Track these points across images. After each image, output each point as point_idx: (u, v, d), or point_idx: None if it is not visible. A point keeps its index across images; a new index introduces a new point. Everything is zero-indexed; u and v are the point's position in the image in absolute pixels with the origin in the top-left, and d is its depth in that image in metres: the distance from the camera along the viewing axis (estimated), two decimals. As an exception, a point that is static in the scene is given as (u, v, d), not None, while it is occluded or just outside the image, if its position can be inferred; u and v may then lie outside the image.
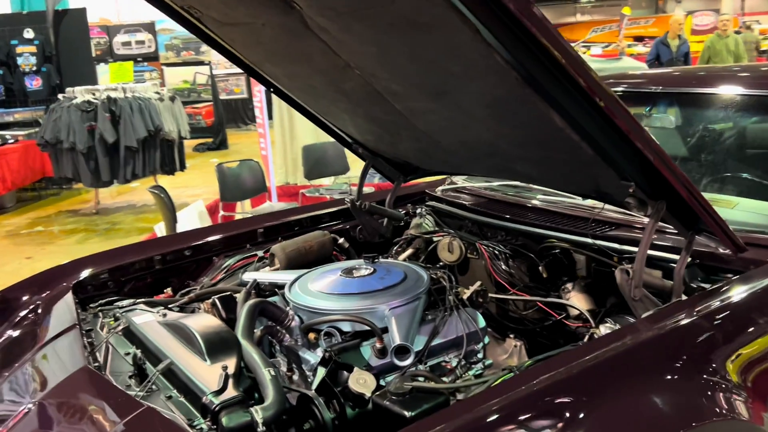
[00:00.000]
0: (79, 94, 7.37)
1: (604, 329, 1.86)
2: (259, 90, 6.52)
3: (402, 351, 1.71)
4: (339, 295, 1.95)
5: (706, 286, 1.84)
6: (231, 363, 1.62)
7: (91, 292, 2.26)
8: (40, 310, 2.11)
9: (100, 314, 2.07)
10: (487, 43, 1.39)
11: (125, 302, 2.13)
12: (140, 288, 2.37)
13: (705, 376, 1.50)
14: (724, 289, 1.71)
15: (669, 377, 1.49)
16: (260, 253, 2.50)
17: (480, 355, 1.89)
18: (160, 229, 4.60)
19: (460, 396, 1.54)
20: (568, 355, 1.52)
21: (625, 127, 1.45)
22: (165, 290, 2.36)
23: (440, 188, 2.89)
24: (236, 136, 14.28)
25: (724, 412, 1.46)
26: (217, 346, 1.69)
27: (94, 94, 7.41)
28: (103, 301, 2.19)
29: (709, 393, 1.48)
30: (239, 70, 13.77)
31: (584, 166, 1.71)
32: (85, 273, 2.29)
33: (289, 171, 8.10)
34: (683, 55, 9.01)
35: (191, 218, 4.89)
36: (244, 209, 5.81)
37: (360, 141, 2.56)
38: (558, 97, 1.47)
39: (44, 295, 2.18)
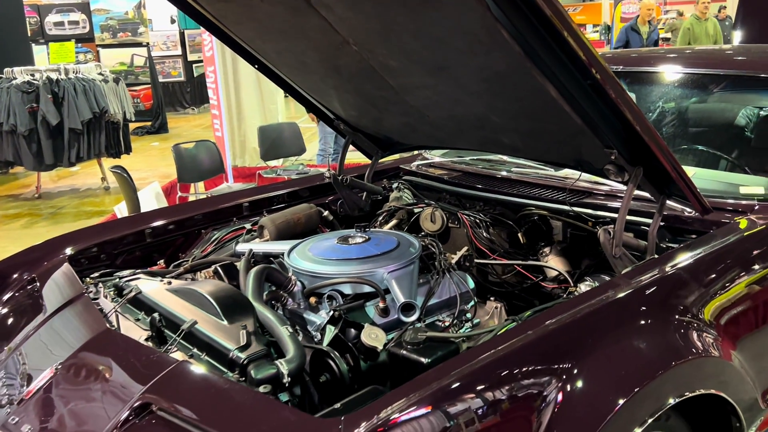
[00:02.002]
0: (19, 74, 7.13)
1: (584, 287, 2.03)
2: (213, 71, 6.46)
3: (408, 308, 1.83)
4: (338, 260, 2.06)
5: (674, 245, 2.03)
6: (248, 323, 1.72)
7: (85, 265, 2.29)
8: (38, 282, 2.12)
9: (101, 285, 2.11)
10: (495, 19, 1.52)
11: (125, 272, 2.17)
12: (131, 261, 2.40)
13: (680, 321, 1.69)
14: (693, 246, 1.91)
15: (650, 323, 1.67)
16: (248, 226, 2.57)
17: (469, 315, 2.03)
18: (120, 210, 4.56)
19: (469, 344, 1.68)
20: (562, 307, 1.67)
21: (616, 97, 1.61)
22: (158, 262, 2.40)
23: (415, 163, 3.02)
24: (175, 120, 14.00)
25: (698, 350, 1.65)
26: (232, 308, 1.77)
27: (33, 75, 7.17)
28: (102, 272, 2.22)
29: (685, 335, 1.67)
30: (177, 53, 13.32)
31: (571, 136, 1.87)
32: (76, 247, 2.31)
33: (237, 153, 8.07)
34: (653, 43, 8.75)
35: (149, 200, 4.86)
36: (197, 191, 5.79)
37: (343, 117, 2.66)
38: (556, 70, 1.61)
39: (40, 268, 2.19)
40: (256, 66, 2.57)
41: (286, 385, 1.54)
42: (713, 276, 1.83)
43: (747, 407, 1.75)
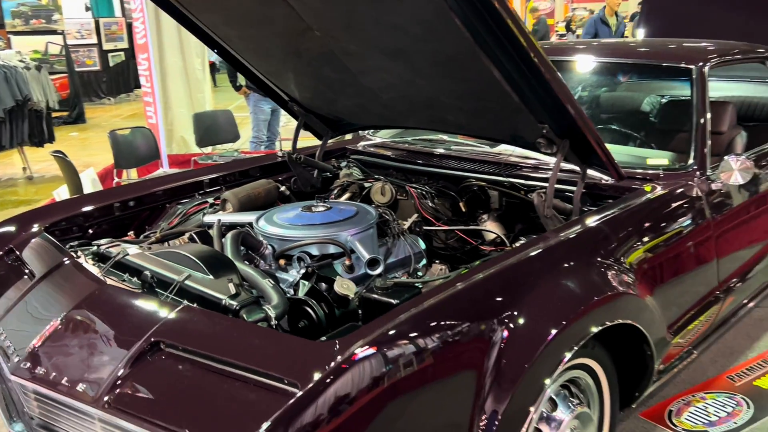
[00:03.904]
0: (-65, 61, 6.89)
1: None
2: (146, 58, 6.46)
3: (373, 262, 2.08)
4: (305, 225, 2.28)
5: (594, 208, 2.37)
6: (233, 277, 1.92)
7: (58, 237, 2.41)
8: (18, 252, 2.24)
9: (80, 252, 2.25)
10: (449, 8, 1.78)
11: (102, 241, 2.31)
12: (101, 234, 2.53)
13: (602, 266, 2.02)
14: (610, 206, 2.25)
15: (576, 267, 1.97)
16: (210, 200, 2.75)
17: (421, 273, 2.31)
18: (59, 195, 4.58)
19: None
20: (504, 256, 1.96)
21: (550, 79, 1.91)
22: (128, 233, 2.55)
23: (360, 144, 3.27)
24: (92, 110, 13.64)
25: (618, 289, 1.97)
26: (215, 265, 1.98)
27: (-51, 62, 6.95)
28: (79, 242, 2.35)
29: (606, 277, 1.99)
30: (92, 41, 13.00)
31: (509, 113, 2.17)
32: (47, 221, 2.42)
33: (165, 142, 8.07)
34: (621, 36, 8.47)
35: (85, 185, 4.89)
36: (129, 178, 5.81)
37: (297, 99, 2.87)
38: (500, 54, 1.90)
39: (17, 239, 2.30)
40: (216, 51, 2.76)
41: (274, 327, 1.76)
42: (628, 229, 2.17)
43: (657, 339, 2.10)
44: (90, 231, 2.53)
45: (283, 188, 2.91)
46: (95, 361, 1.66)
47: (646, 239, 2.19)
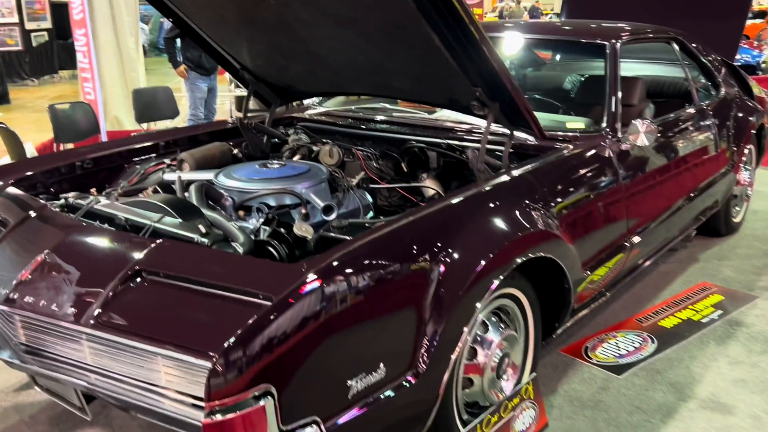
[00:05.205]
0: None
1: (455, 199, 2.62)
2: (83, 34, 6.43)
3: (328, 209, 2.31)
4: (263, 179, 2.49)
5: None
6: (201, 220, 2.12)
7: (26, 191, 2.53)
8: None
9: (49, 205, 2.38)
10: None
11: (69, 194, 2.45)
12: (64, 191, 2.66)
13: (528, 208, 2.29)
14: (533, 161, 2.54)
15: (504, 208, 2.23)
16: (167, 161, 2.91)
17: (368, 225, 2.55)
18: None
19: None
20: (441, 200, 2.22)
21: (483, 44, 2.18)
22: (91, 190, 2.68)
23: (307, 113, 3.49)
24: (15, 92, 13.23)
25: (540, 228, 2.26)
26: (183, 211, 2.17)
27: None
28: (46, 196, 2.48)
29: (531, 217, 2.26)
30: (13, 20, 12.71)
31: (447, 77, 2.43)
32: (11, 177, 2.53)
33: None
34: None
35: (25, 159, 4.90)
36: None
37: (249, 67, 3.06)
38: (440, 23, 2.15)
39: (-16, 192, 2.41)
40: (171, 19, 2.91)
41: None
42: (549, 180, 2.47)
43: (574, 275, 2.41)
44: (52, 189, 2.65)
45: (236, 151, 3.09)
46: (80, 289, 1.82)
47: (564, 189, 2.51)
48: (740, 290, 3.56)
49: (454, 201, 2.17)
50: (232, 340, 1.50)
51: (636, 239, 2.92)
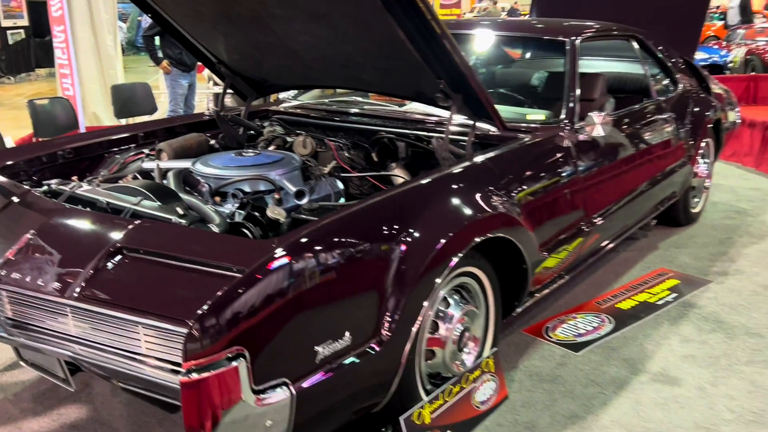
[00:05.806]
0: None
1: (422, 186, 2.76)
2: (62, 30, 6.49)
3: (300, 193, 2.45)
4: (238, 166, 2.62)
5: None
6: (179, 203, 2.25)
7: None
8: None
9: (32, 191, 2.49)
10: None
11: (52, 181, 2.56)
12: (46, 179, 2.76)
13: (489, 192, 2.43)
14: (494, 149, 2.70)
15: (465, 191, 2.37)
16: (146, 151, 3.03)
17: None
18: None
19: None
20: (406, 183, 2.37)
21: (444, 38, 2.33)
22: (72, 178, 2.79)
23: (282, 106, 3.62)
24: (-12, 89, 13.23)
25: (500, 211, 2.41)
26: (162, 195, 2.30)
27: None
28: (28, 184, 2.59)
29: (491, 200, 2.41)
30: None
31: (412, 70, 2.57)
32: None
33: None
34: None
35: (4, 153, 4.97)
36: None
37: (225, 61, 3.18)
38: (405, 19, 2.30)
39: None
40: (150, 15, 3.03)
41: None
42: (509, 167, 2.63)
43: (532, 255, 2.57)
44: (35, 178, 2.76)
45: (213, 142, 3.21)
46: (64, 265, 1.94)
47: (523, 175, 2.66)
48: (695, 275, 3.75)
49: (417, 184, 2.31)
50: (205, 307, 1.63)
51: (594, 224, 3.09)
